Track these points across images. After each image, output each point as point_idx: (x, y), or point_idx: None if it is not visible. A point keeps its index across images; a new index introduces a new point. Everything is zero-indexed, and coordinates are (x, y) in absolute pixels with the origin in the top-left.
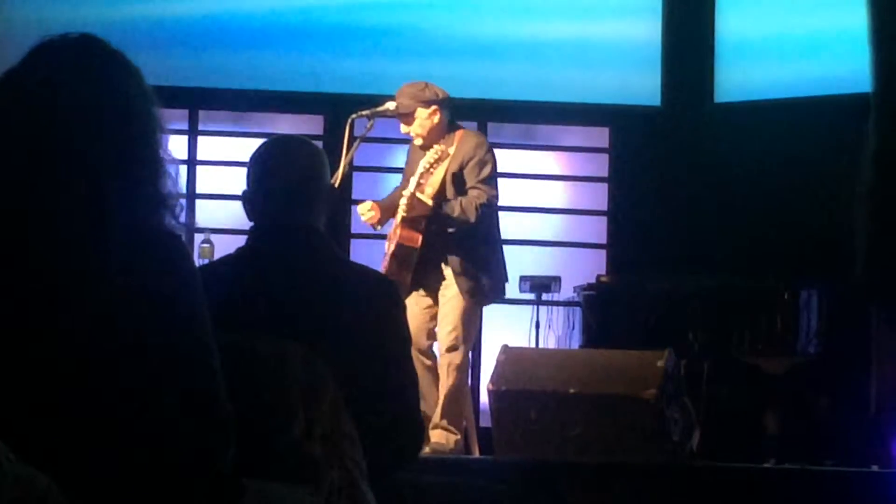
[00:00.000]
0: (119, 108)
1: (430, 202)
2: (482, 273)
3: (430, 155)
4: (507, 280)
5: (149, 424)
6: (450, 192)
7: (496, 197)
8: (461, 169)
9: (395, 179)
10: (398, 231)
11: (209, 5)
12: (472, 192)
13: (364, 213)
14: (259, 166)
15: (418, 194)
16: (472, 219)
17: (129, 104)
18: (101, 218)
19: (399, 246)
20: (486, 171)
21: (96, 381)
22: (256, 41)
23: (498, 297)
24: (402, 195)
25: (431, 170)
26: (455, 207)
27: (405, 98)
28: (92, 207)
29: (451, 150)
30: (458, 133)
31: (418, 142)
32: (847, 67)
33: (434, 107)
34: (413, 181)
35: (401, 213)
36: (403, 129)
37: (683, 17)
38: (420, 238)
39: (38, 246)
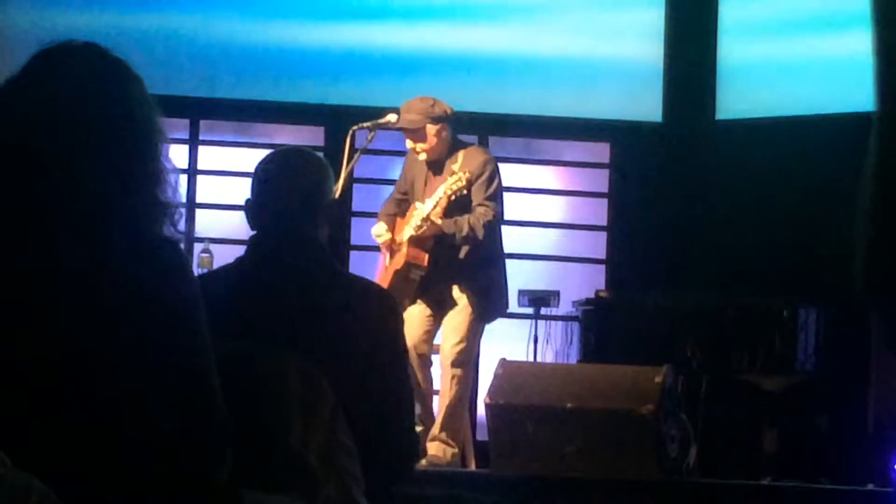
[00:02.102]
0: (121, 116)
1: (441, 224)
2: (489, 290)
3: (454, 182)
4: (507, 295)
5: (145, 433)
6: (455, 210)
7: (502, 213)
8: (468, 186)
9: None
10: (405, 249)
11: (212, 16)
12: (479, 210)
13: (379, 235)
14: (264, 176)
15: (434, 217)
16: (480, 237)
17: (130, 112)
18: (101, 225)
19: (407, 265)
20: (493, 188)
21: (93, 388)
22: (258, 52)
23: (503, 313)
24: (411, 213)
25: (453, 196)
26: (464, 227)
27: (414, 114)
28: (91, 214)
29: (456, 167)
30: (462, 151)
31: (423, 157)
32: (848, 86)
33: (442, 123)
34: (429, 203)
35: (410, 231)
36: (409, 144)
37: (686, 35)
38: (427, 257)
39: (37, 252)
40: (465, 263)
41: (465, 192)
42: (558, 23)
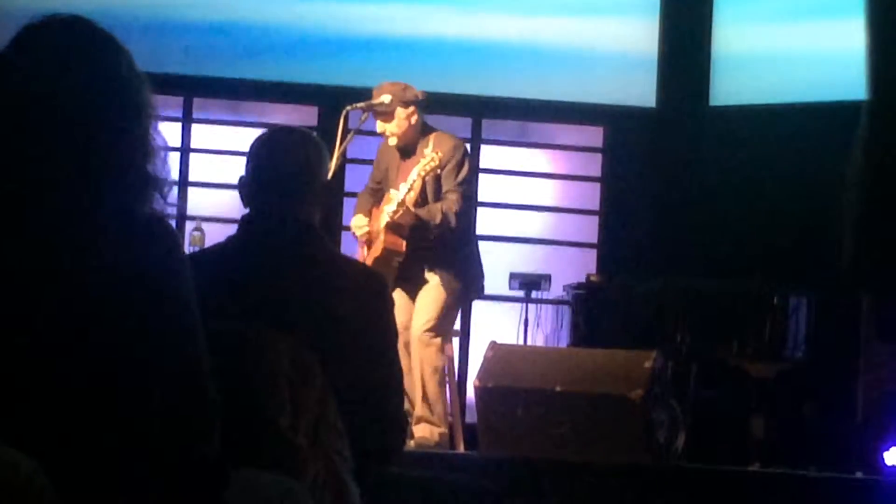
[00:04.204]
0: (108, 89)
1: (415, 212)
2: (462, 272)
3: (427, 163)
4: (483, 276)
5: (134, 409)
6: (429, 194)
7: (473, 197)
8: (441, 167)
9: None
10: (382, 236)
11: None
12: (451, 197)
13: (359, 227)
14: (259, 154)
15: (408, 203)
16: (453, 224)
17: (118, 85)
18: (91, 200)
19: (385, 251)
20: (464, 173)
21: (82, 364)
22: (254, 31)
23: (479, 294)
24: (387, 200)
25: (427, 177)
26: (437, 215)
27: (385, 95)
28: (81, 190)
29: (427, 151)
30: (432, 136)
31: (392, 141)
32: (841, 75)
33: (413, 107)
34: (403, 188)
35: (386, 218)
36: (380, 127)
37: (681, 20)
38: (404, 244)
39: (27, 227)
40: (438, 247)
41: (438, 171)
42: (554, 6)
